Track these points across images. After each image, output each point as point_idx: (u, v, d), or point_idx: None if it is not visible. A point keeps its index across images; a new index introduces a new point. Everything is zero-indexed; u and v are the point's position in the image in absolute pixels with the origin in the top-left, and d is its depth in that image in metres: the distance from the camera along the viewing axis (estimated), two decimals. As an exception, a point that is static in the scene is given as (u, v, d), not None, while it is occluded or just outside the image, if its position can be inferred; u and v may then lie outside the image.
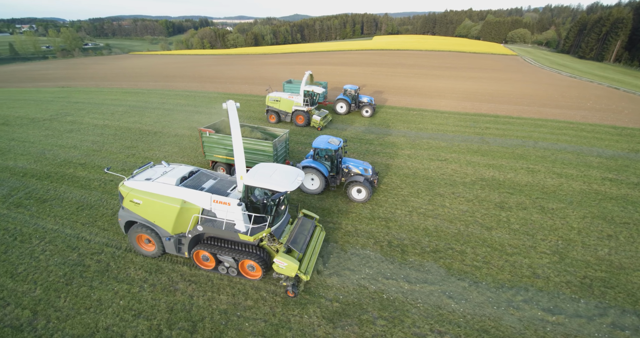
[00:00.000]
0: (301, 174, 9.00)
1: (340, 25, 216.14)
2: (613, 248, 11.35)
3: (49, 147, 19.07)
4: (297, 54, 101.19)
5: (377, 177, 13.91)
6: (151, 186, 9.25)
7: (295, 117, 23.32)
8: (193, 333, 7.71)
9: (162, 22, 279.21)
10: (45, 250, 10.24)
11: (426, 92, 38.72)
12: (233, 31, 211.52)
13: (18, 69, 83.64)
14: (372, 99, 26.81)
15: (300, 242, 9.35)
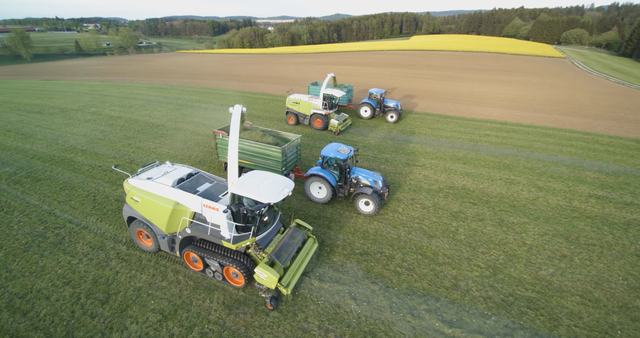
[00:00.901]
0: (289, 186, 8.72)
1: (378, 24, 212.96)
2: (560, 269, 10.57)
3: (63, 134, 21.74)
4: (328, 54, 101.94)
5: (387, 189, 13.19)
6: (150, 186, 9.54)
7: (313, 120, 23.13)
8: (104, 303, 8.74)
9: (209, 22, 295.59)
10: (20, 221, 12.03)
11: (443, 95, 37.34)
12: (273, 31, 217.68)
13: (77, 64, 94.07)
14: (398, 103, 25.95)
15: (285, 253, 9.02)
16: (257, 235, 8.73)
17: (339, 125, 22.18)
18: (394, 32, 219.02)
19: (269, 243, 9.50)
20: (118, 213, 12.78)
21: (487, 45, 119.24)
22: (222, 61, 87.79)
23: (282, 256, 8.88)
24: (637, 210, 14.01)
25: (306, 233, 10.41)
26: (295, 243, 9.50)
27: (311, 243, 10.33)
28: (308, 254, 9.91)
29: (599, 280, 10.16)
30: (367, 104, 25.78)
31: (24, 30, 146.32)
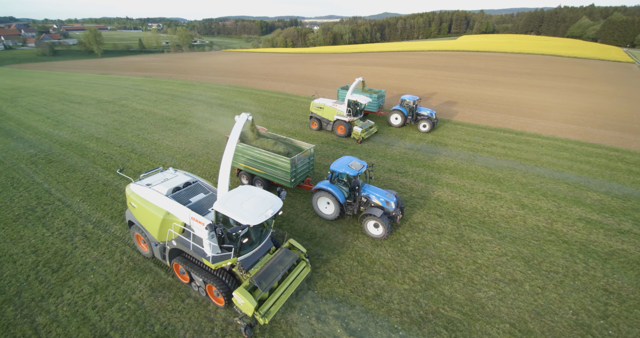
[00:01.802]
0: (275, 207, 8.04)
1: (424, 23, 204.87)
2: (503, 293, 9.79)
3: (89, 123, 24.66)
4: (366, 54, 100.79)
5: (401, 212, 12.17)
6: (145, 193, 9.42)
7: (336, 126, 22.26)
8: (54, 272, 10.08)
9: (258, 22, 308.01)
10: (21, 196, 14.15)
11: (472, 101, 35.29)
12: (317, 30, 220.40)
13: (135, 60, 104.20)
14: (433, 112, 23.94)
15: (270, 278, 8.39)
16: (240, 255, 8.19)
17: (362, 133, 21.17)
18: (442, 31, 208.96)
19: (255, 264, 8.80)
20: (101, 196, 14.40)
21: (543, 46, 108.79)
22: (259, 60, 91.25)
23: (265, 281, 8.23)
24: (631, 239, 12.29)
25: (298, 256, 9.56)
26: (282, 268, 8.75)
27: (303, 267, 9.49)
28: (297, 280, 9.09)
29: (542, 311, 9.25)
30: (398, 111, 24.25)
31: (96, 29, 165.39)
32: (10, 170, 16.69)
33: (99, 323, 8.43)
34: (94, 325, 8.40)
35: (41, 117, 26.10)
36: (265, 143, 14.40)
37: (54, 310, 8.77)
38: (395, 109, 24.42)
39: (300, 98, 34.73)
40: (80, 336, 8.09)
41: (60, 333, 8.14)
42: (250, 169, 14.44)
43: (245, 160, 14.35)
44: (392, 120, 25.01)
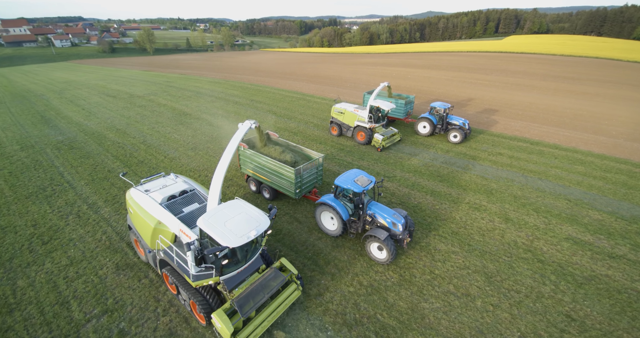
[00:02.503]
0: (260, 228, 7.55)
1: (468, 23, 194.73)
2: (450, 306, 9.47)
3: (115, 115, 27.24)
4: (401, 55, 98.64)
5: (409, 235, 11.00)
6: (142, 199, 9.38)
7: (357, 132, 21.34)
8: (44, 244, 11.58)
9: (297, 22, 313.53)
10: (38, 177, 16.23)
11: (495, 105, 33.42)
12: (354, 30, 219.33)
13: (179, 58, 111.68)
14: (466, 121, 22.08)
15: (253, 301, 7.93)
16: (223, 274, 7.80)
17: (383, 141, 20.16)
18: (488, 31, 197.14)
19: (240, 284, 8.31)
20: (103, 181, 16.06)
21: (599, 49, 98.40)
22: (290, 59, 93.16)
23: (247, 304, 7.79)
24: (621, 266, 11.11)
25: (287, 279, 8.96)
26: (268, 291, 8.23)
27: (292, 290, 8.92)
28: (284, 304, 8.56)
29: (486, 329, 8.83)
30: (426, 119, 22.57)
31: (150, 28, 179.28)
32: (37, 153, 19.18)
33: (65, 292, 9.60)
34: (60, 292, 9.58)
35: (78, 109, 29.33)
36: (272, 151, 13.96)
37: (33, 276, 10.13)
38: (424, 117, 22.74)
39: (314, 98, 35.18)
40: (47, 300, 9.29)
41: (32, 296, 9.41)
42: (258, 176, 14.11)
43: (253, 167, 14.08)
44: (419, 128, 23.34)
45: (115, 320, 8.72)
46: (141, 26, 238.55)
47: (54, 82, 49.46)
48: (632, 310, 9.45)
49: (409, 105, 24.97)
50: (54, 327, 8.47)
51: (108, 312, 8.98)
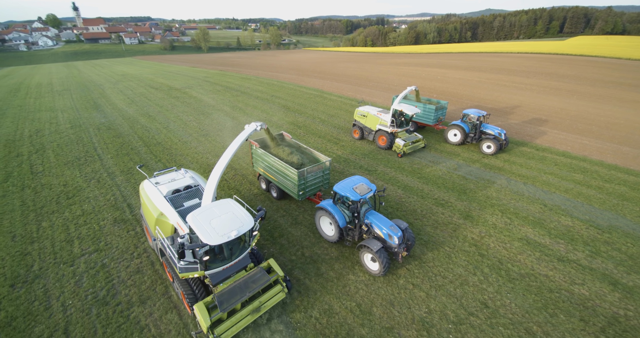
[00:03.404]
0: (242, 228, 7.71)
1: (528, 21, 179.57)
2: (373, 281, 10.45)
3: (151, 104, 31.36)
4: (441, 55, 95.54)
5: (405, 248, 10.55)
6: (150, 191, 9.96)
7: (378, 137, 20.85)
8: (68, 198, 14.71)
9: (344, 21, 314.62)
10: (78, 149, 20.00)
11: (518, 109, 32.04)
12: (400, 30, 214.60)
13: (226, 56, 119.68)
14: (502, 131, 20.24)
15: (233, 298, 8.08)
16: (208, 269, 8.10)
17: (404, 147, 19.38)
18: (551, 30, 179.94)
19: (225, 280, 8.60)
20: (124, 156, 19.31)
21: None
22: (327, 58, 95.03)
23: (227, 300, 7.99)
24: (566, 269, 11.07)
25: (272, 280, 8.99)
26: (250, 289, 8.39)
27: (276, 292, 8.97)
28: (266, 304, 8.65)
29: (397, 302, 9.70)
30: (457, 127, 21.16)
31: (205, 28, 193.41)
32: (81, 131, 23.39)
33: (72, 233, 12.42)
34: (69, 233, 12.42)
35: (124, 97, 34.20)
36: (281, 151, 14.20)
37: (53, 221, 13.17)
38: (455, 124, 21.24)
39: (331, 96, 36.59)
40: (58, 238, 12.15)
41: (49, 234, 12.36)
42: (267, 175, 14.45)
43: (264, 165, 14.44)
44: (449, 136, 21.85)
45: (102, 257, 11.21)
46: (198, 26, 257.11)
47: (114, 74, 57.12)
48: (555, 308, 9.64)
49: (440, 111, 23.09)
50: (58, 256, 11.20)
51: (98, 250, 11.53)
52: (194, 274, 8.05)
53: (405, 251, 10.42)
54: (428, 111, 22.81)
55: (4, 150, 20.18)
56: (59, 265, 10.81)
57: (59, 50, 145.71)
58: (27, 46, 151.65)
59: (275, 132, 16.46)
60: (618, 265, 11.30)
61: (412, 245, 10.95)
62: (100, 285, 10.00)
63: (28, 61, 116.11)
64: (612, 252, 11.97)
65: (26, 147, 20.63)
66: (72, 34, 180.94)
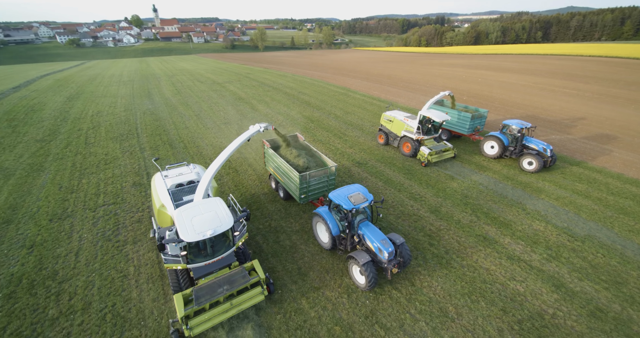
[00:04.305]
0: (219, 229, 7.84)
1: (614, 21, 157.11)
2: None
3: (192, 94, 35.78)
4: (498, 56, 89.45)
5: (397, 265, 9.75)
6: (158, 183, 10.53)
7: (402, 143, 19.92)
8: (106, 164, 18.44)
9: (400, 20, 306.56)
10: (123, 128, 24.33)
11: (563, 117, 29.99)
12: (459, 29, 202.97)
13: (276, 54, 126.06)
14: (549, 147, 17.90)
15: (209, 295, 8.28)
16: (190, 263, 8.36)
17: (429, 155, 18.26)
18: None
19: (208, 275, 8.84)
20: (156, 136, 23.02)
21: None
22: (373, 58, 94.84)
23: (203, 296, 8.23)
24: (512, 266, 11.20)
25: (251, 282, 8.87)
26: (229, 288, 8.52)
27: (255, 293, 8.89)
28: (242, 304, 8.64)
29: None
30: (495, 139, 19.11)
31: (263, 28, 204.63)
32: (130, 114, 28.14)
33: (101, 189, 15.86)
34: (98, 189, 15.87)
35: (173, 89, 39.40)
36: (289, 153, 14.34)
37: (91, 179, 16.86)
38: (493, 136, 19.25)
39: (356, 94, 37.71)
40: (90, 192, 15.64)
41: (85, 189, 15.93)
42: (276, 175, 14.58)
43: (274, 166, 14.56)
44: (485, 148, 19.92)
45: (116, 208, 14.31)
46: (257, 26, 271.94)
47: (173, 69, 64.83)
48: (479, 296, 10.08)
49: (477, 120, 21.07)
50: (86, 204, 14.57)
51: (115, 203, 14.69)
52: (177, 266, 8.35)
53: (396, 268, 9.62)
54: (463, 119, 20.96)
55: (71, 125, 25.48)
56: (85, 210, 14.13)
57: (138, 47, 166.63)
58: (114, 43, 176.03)
59: (291, 131, 17.75)
60: (573, 272, 11.12)
61: (406, 263, 10.22)
62: (109, 227, 12.98)
63: (114, 56, 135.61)
64: (574, 259, 11.72)
65: (86, 124, 25.73)
66: (151, 33, 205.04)
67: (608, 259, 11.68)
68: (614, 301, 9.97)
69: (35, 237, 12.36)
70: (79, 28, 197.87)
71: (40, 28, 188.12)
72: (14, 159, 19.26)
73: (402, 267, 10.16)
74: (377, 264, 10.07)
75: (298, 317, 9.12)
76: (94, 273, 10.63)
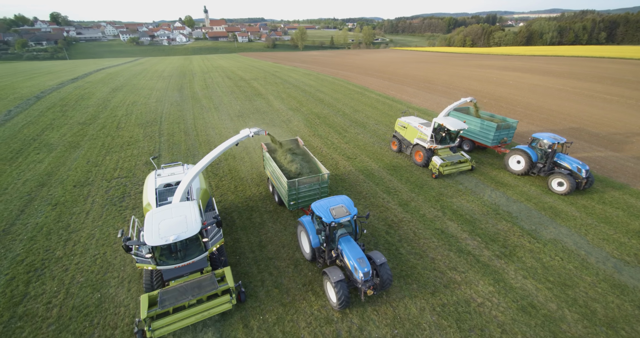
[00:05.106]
0: (182, 235, 7.80)
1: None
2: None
3: (218, 89, 38.85)
4: (546, 58, 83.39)
5: (373, 287, 8.93)
6: (149, 181, 10.74)
7: (414, 151, 18.74)
8: (127, 145, 21.46)
9: (446, 19, 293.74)
10: (150, 116, 27.57)
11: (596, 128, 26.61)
12: (509, 29, 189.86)
13: (312, 54, 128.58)
14: (585, 167, 15.37)
15: (174, 298, 8.21)
16: (160, 265, 8.34)
17: (441, 167, 16.87)
18: None
19: (177, 278, 8.75)
20: (175, 124, 25.89)
21: None
22: (404, 58, 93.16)
23: (168, 299, 8.14)
24: (458, 259, 11.67)
25: (219, 290, 8.61)
26: (195, 294, 8.37)
27: (223, 302, 8.64)
28: (207, 312, 8.41)
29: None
30: (522, 153, 17.13)
31: (304, 28, 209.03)
32: (159, 105, 31.68)
33: (119, 165, 18.68)
34: (117, 165, 18.72)
35: (203, 84, 43.11)
36: (283, 158, 14.17)
37: (112, 157, 19.86)
38: (519, 149, 17.29)
39: (372, 93, 38.30)
40: (109, 167, 18.50)
41: (107, 163, 18.86)
42: (272, 179, 14.32)
43: (270, 170, 14.37)
44: (510, 163, 17.92)
45: (126, 181, 16.92)
46: (298, 26, 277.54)
47: (210, 66, 69.87)
48: (415, 280, 10.71)
49: (504, 130, 19.09)
50: (104, 176, 17.40)
51: (127, 177, 17.35)
52: (147, 266, 8.38)
53: (371, 289, 8.89)
54: (487, 129, 19.09)
55: (109, 112, 29.53)
56: (102, 180, 16.93)
57: (189, 46, 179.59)
58: (168, 41, 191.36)
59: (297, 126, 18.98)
60: (520, 270, 11.26)
61: (385, 285, 9.44)
62: (117, 195, 15.52)
63: (167, 53, 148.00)
64: (527, 259, 11.80)
65: (121, 111, 29.61)
66: (200, 33, 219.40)
67: (565, 263, 11.63)
68: (552, 300, 10.05)
69: (60, 197, 15.27)
70: (139, 28, 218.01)
71: (107, 27, 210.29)
72: (58, 137, 23.19)
73: (380, 289, 9.42)
74: (353, 283, 9.36)
75: (245, 279, 10.60)
76: (97, 228, 13.06)
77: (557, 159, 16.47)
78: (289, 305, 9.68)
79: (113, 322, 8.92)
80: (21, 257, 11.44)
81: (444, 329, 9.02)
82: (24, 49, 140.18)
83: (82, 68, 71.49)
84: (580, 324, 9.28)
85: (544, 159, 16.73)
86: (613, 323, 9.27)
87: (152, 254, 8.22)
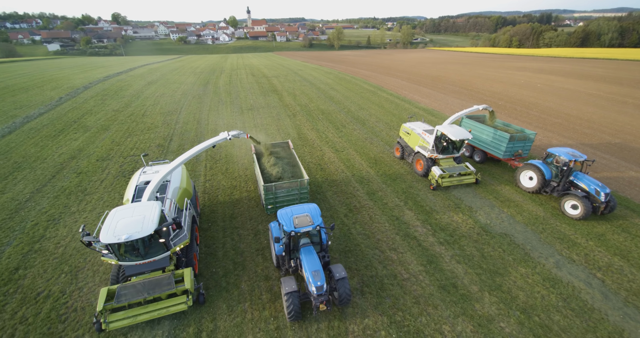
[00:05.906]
0: (135, 235, 7.92)
1: None
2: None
3: (240, 84, 41.85)
4: (605, 61, 77.04)
5: (322, 302, 8.53)
6: (133, 179, 11.15)
7: (415, 160, 17.76)
8: (146, 131, 24.71)
9: (493, 18, 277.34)
10: (172, 106, 31.01)
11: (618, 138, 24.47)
12: (562, 29, 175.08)
13: (345, 53, 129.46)
14: (604, 189, 13.50)
15: (130, 294, 8.33)
16: (122, 261, 8.57)
17: (440, 178, 15.85)
18: None
19: (139, 274, 8.98)
20: (191, 114, 28.92)
21: None
22: (435, 59, 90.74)
23: (125, 295, 8.34)
24: (405, 249, 12.71)
25: (175, 290, 8.67)
26: (153, 291, 8.51)
27: (179, 302, 8.68)
28: (162, 310, 8.54)
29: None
30: (534, 169, 15.51)
31: (341, 28, 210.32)
32: (183, 97, 35.31)
33: (137, 145, 21.75)
34: (135, 145, 21.81)
35: (227, 80, 46.59)
36: (266, 161, 14.13)
37: (134, 139, 23.06)
38: (531, 164, 15.68)
39: (384, 92, 38.99)
40: (129, 145, 21.65)
41: (127, 144, 22.03)
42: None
43: (256, 172, 14.48)
44: (522, 179, 16.25)
45: (138, 159, 19.85)
46: (336, 26, 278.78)
47: (241, 64, 74.11)
48: (354, 255, 11.94)
49: (518, 142, 17.48)
50: (122, 154, 20.50)
51: (139, 155, 20.32)
52: (112, 261, 8.65)
53: (324, 305, 8.60)
54: (499, 140, 17.61)
55: (140, 102, 33.58)
56: (119, 157, 20.06)
57: (231, 45, 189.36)
58: (212, 41, 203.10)
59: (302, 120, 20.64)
60: (457, 256, 11.90)
61: (343, 301, 9.01)
62: (128, 169, 18.41)
63: (210, 52, 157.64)
64: (468, 248, 12.41)
65: (149, 101, 33.51)
66: (242, 32, 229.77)
67: (506, 254, 12.12)
68: (475, 283, 10.76)
69: (84, 168, 18.52)
70: (187, 27, 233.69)
71: (160, 27, 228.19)
72: (94, 120, 27.23)
73: (338, 304, 9.11)
74: (305, 296, 9.04)
75: (210, 241, 12.61)
76: (106, 193, 15.88)
77: (573, 178, 14.59)
78: (239, 264, 11.36)
79: (101, 261, 11.41)
80: (45, 209, 14.50)
81: (365, 295, 10.23)
82: (87, 45, 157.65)
83: (129, 64, 79.57)
84: (495, 306, 9.95)
85: (558, 178, 14.93)
86: (530, 309, 9.75)
87: (109, 250, 8.40)
